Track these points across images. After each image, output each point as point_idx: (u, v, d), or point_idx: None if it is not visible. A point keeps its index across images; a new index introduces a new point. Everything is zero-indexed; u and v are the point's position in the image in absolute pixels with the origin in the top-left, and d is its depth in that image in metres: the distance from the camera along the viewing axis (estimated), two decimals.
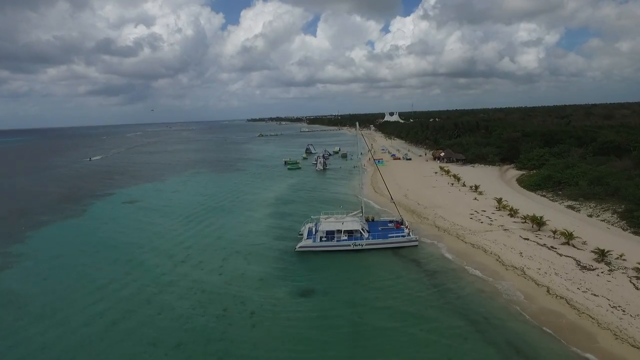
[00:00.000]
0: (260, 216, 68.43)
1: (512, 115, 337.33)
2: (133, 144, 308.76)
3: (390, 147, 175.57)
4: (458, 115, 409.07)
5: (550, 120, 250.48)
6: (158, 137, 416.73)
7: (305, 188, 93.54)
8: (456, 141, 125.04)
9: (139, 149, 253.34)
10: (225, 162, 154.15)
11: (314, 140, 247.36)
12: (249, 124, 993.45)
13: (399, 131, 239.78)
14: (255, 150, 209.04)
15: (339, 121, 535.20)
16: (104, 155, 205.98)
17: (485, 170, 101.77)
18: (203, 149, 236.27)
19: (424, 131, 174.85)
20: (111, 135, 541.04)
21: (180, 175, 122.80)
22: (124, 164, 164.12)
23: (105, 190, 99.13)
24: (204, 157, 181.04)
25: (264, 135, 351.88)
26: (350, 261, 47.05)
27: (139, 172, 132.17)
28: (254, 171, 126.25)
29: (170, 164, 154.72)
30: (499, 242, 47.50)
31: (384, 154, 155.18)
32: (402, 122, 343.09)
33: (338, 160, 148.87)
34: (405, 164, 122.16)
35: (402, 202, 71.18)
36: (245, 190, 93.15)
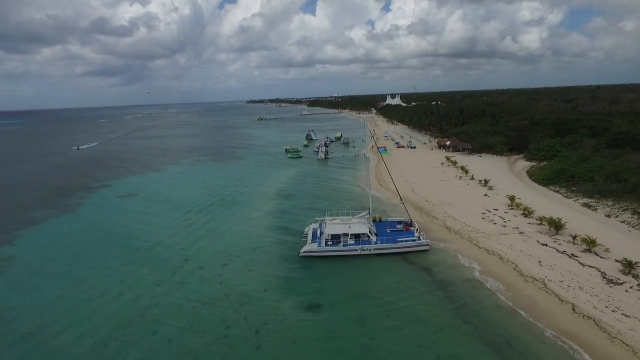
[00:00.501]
0: (261, 213, 65.60)
1: (516, 98, 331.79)
2: (131, 128, 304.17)
3: (393, 134, 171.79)
4: (460, 98, 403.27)
5: (555, 105, 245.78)
6: (156, 121, 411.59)
7: (308, 180, 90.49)
8: (462, 129, 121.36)
9: (137, 133, 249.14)
10: (224, 149, 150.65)
11: (314, 125, 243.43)
12: (248, 106, 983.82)
13: (401, 116, 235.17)
14: (255, 135, 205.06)
15: (340, 104, 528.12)
16: (101, 141, 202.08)
17: (493, 160, 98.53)
18: (202, 134, 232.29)
19: (428, 117, 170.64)
20: (109, 118, 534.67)
21: (178, 164, 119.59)
22: (121, 151, 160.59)
23: (101, 182, 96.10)
24: (203, 143, 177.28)
25: (264, 119, 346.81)
26: (357, 268, 44.43)
27: (136, 161, 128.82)
28: (255, 159, 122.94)
29: (168, 151, 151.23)
30: (515, 248, 44.80)
31: (387, 140, 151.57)
32: (404, 106, 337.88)
33: (340, 147, 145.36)
34: (410, 152, 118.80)
35: (409, 197, 68.26)
36: (246, 182, 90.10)
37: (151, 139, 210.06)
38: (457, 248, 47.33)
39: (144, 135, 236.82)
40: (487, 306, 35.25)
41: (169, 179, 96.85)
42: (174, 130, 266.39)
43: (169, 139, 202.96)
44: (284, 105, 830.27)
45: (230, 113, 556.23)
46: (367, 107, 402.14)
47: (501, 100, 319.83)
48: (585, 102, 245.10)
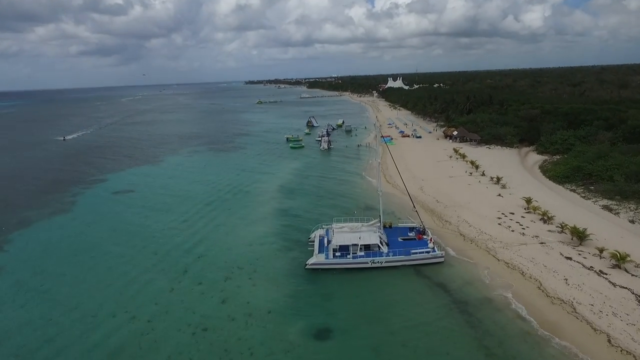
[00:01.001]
0: (263, 214, 62.40)
1: (521, 81, 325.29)
2: (127, 112, 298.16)
3: (397, 120, 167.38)
4: (463, 80, 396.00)
5: (562, 89, 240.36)
6: (152, 104, 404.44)
7: (311, 174, 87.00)
8: (470, 118, 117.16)
9: (134, 118, 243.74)
10: (223, 137, 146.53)
11: (315, 109, 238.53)
12: (247, 87, 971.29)
13: (404, 100, 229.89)
14: (255, 121, 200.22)
15: (340, 85, 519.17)
16: (97, 127, 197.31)
17: (502, 153, 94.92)
18: (200, 119, 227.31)
19: (433, 104, 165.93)
20: (105, 100, 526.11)
21: (176, 154, 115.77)
22: (117, 139, 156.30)
23: (97, 176, 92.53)
24: (201, 130, 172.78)
25: (263, 102, 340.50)
26: (368, 283, 41.51)
27: (133, 151, 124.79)
28: (255, 149, 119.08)
29: (165, 139, 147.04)
30: (538, 262, 41.79)
31: (390, 128, 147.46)
32: (406, 89, 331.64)
33: (342, 136, 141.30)
34: (415, 143, 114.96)
35: (418, 197, 65.05)
36: (246, 176, 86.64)
37: (148, 124, 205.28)
38: (474, 260, 44.33)
39: (140, 120, 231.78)
40: (512, 334, 32.40)
41: (167, 173, 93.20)
42: (171, 115, 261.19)
43: (166, 125, 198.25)
44: (283, 87, 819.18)
45: (229, 95, 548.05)
46: (368, 90, 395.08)
47: (505, 83, 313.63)
48: (592, 86, 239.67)
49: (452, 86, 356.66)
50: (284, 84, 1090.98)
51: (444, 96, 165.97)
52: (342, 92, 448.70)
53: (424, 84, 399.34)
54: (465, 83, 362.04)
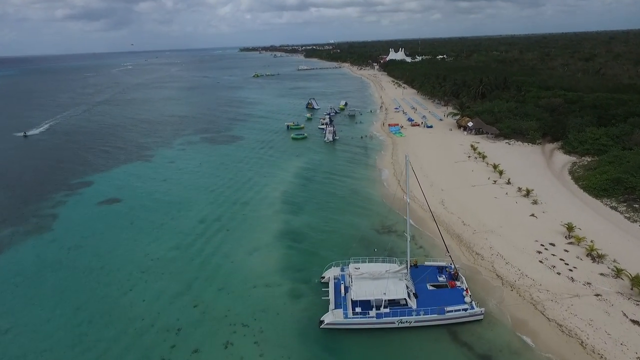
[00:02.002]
0: (268, 239, 55.01)
1: (528, 54, 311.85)
2: (118, 86, 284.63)
3: (403, 102, 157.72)
4: (467, 51, 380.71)
5: (573, 64, 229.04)
6: (145, 76, 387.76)
7: (317, 177, 79.13)
8: (486, 107, 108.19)
9: (124, 94, 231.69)
10: (220, 123, 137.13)
11: (314, 86, 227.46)
12: (242, 55, 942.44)
13: (408, 76, 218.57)
14: (253, 101, 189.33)
15: (338, 56, 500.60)
16: (86, 108, 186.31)
17: (525, 151, 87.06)
18: (194, 98, 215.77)
19: (442, 85, 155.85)
20: (95, 71, 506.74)
21: (169, 147, 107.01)
22: (107, 126, 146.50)
23: (81, 177, 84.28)
24: (195, 112, 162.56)
25: (260, 75, 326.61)
26: (395, 350, 34.88)
27: (122, 142, 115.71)
28: (254, 140, 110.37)
29: (157, 126, 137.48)
30: (598, 327, 35.11)
31: (397, 113, 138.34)
32: (409, 62, 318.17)
33: (346, 121, 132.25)
34: (427, 134, 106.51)
35: (440, 214, 57.93)
36: (246, 179, 78.76)
37: (139, 104, 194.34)
38: (518, 317, 37.62)
39: (131, 97, 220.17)
40: None
41: (157, 174, 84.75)
42: (163, 91, 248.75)
43: (157, 106, 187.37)
44: (280, 55, 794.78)
45: (223, 66, 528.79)
46: (368, 62, 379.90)
47: (512, 56, 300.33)
48: (606, 62, 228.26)
49: (456, 58, 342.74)
50: (280, 51, 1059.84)
51: (454, 77, 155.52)
52: (341, 63, 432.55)
53: (426, 55, 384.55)
54: (469, 55, 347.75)
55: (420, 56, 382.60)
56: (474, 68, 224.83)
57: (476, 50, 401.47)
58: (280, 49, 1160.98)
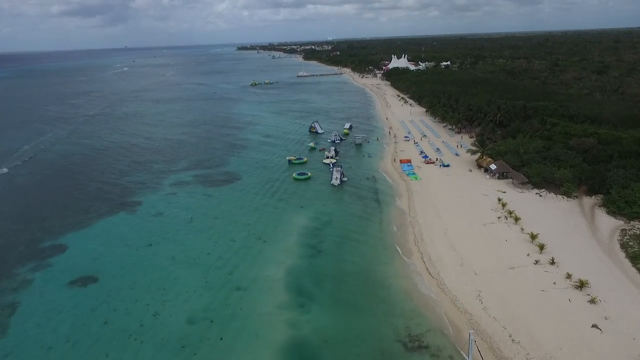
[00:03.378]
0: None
1: (536, 62, 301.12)
2: (110, 97, 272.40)
3: (412, 127, 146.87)
4: (472, 60, 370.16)
5: (587, 78, 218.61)
6: (140, 81, 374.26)
7: (326, 244, 68.33)
8: (510, 146, 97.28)
9: (114, 109, 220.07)
10: (215, 153, 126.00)
11: (315, 100, 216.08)
12: (240, 55, 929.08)
13: (414, 91, 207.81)
14: (251, 121, 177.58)
15: (339, 59, 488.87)
16: (72, 129, 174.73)
17: (561, 207, 76.55)
18: (188, 116, 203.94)
19: (454, 109, 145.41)
20: (88, 73, 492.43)
21: (156, 191, 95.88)
22: (89, 154, 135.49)
23: (54, 239, 73.23)
24: (189, 136, 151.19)
25: (258, 83, 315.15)
26: None
27: (105, 181, 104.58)
28: (253, 183, 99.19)
29: (146, 155, 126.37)
30: None
31: (408, 142, 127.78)
32: (413, 70, 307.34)
33: (353, 153, 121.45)
34: (444, 177, 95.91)
35: (477, 318, 47.54)
36: (244, 251, 67.96)
37: (129, 124, 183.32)
38: None
39: (122, 113, 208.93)
40: None
41: (140, 237, 73.34)
42: (157, 107, 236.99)
43: (149, 126, 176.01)
44: (278, 56, 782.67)
45: (220, 69, 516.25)
46: (369, 68, 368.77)
47: (520, 65, 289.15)
48: (621, 75, 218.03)
49: (460, 66, 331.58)
50: (278, 51, 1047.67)
51: (467, 101, 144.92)
52: (342, 68, 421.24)
53: (429, 62, 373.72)
54: (474, 63, 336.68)
55: (423, 62, 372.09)
56: (482, 82, 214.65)
57: (480, 56, 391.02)
58: (279, 48, 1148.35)
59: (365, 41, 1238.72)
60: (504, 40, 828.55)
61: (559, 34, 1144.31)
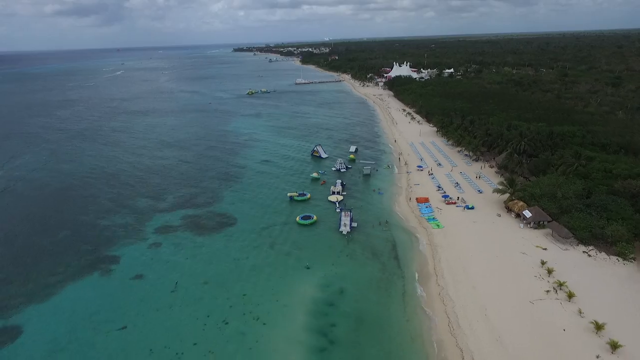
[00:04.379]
0: None
1: (546, 73, 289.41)
2: (99, 109, 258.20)
3: (425, 152, 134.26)
4: (476, 68, 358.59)
5: (602, 90, 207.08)
6: (133, 87, 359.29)
7: (339, 330, 55.56)
8: (545, 190, 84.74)
9: (102, 124, 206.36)
10: (207, 186, 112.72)
11: (315, 114, 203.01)
12: (236, 58, 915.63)
13: (422, 106, 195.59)
14: (247, 140, 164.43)
15: (338, 65, 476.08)
16: (52, 150, 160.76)
17: (617, 273, 64.06)
18: (180, 134, 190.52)
19: (469, 130, 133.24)
20: (80, 79, 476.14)
21: (139, 239, 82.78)
22: (64, 185, 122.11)
23: (3, 319, 59.92)
24: (179, 161, 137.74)
25: (254, 92, 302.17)
26: None
27: (77, 227, 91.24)
28: (249, 230, 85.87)
29: (129, 188, 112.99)
30: None
31: (421, 173, 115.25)
32: (416, 79, 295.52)
33: (361, 187, 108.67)
34: (470, 224, 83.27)
35: None
36: (237, 347, 55.14)
37: (114, 144, 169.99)
38: None
39: (109, 130, 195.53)
40: None
41: (115, 316, 60.66)
42: (146, 120, 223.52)
43: (136, 147, 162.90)
44: (275, 59, 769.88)
45: (216, 74, 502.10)
46: (370, 76, 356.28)
47: (529, 75, 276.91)
48: (637, 86, 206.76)
49: (464, 74, 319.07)
50: (274, 53, 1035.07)
51: (485, 125, 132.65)
52: (341, 75, 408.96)
53: (432, 69, 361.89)
54: (479, 72, 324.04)
55: (425, 69, 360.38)
56: (493, 95, 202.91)
57: (483, 63, 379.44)
58: (275, 50, 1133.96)
59: (362, 43, 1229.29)
60: (503, 43, 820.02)
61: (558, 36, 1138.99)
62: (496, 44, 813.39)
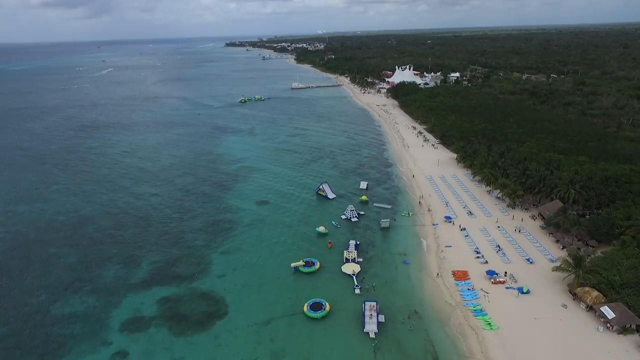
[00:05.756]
0: None
1: (561, 82, 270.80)
2: (74, 120, 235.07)
3: (449, 193, 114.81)
4: (484, 73, 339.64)
5: (629, 105, 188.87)
6: (116, 91, 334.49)
7: None
8: (628, 277, 65.79)
9: (74, 143, 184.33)
10: (190, 243, 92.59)
11: (315, 133, 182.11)
12: (228, 54, 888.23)
13: (435, 124, 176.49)
14: (238, 170, 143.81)
15: (334, 65, 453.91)
16: (1, 195, 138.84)
17: None
18: (161, 160, 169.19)
19: (499, 168, 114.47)
20: (63, 80, 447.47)
21: (97, 347, 62.82)
22: (13, 248, 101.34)
23: None
24: (158, 205, 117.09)
25: (247, 100, 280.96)
26: None
27: (16, 322, 70.97)
28: (244, 325, 66.50)
29: (93, 249, 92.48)
30: None
31: (450, 225, 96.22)
32: (422, 87, 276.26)
33: (380, 245, 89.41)
34: (532, 322, 64.26)
35: None
36: None
37: (86, 175, 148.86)
38: None
39: (82, 153, 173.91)
40: None
41: None
42: (125, 140, 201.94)
43: (107, 182, 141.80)
44: (268, 56, 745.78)
45: (207, 74, 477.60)
46: (370, 80, 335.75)
47: (544, 84, 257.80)
48: None
49: (471, 80, 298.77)
50: (268, 49, 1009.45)
51: (523, 164, 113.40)
52: (339, 77, 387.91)
53: (435, 72, 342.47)
54: (486, 77, 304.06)
55: (429, 73, 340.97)
56: (511, 110, 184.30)
57: (489, 66, 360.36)
58: (268, 45, 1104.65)
59: (357, 38, 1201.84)
60: (502, 40, 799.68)
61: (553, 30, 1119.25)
62: (495, 40, 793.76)
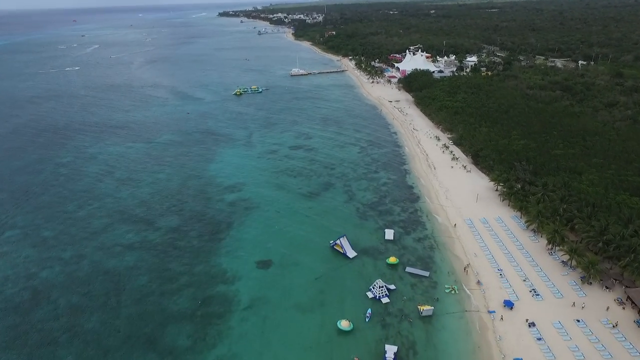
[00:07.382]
0: None
1: (595, 73, 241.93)
2: (45, 122, 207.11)
3: (496, 248, 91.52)
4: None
5: None
6: (97, 78, 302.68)
7: None
8: None
9: (39, 163, 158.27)
10: (175, 349, 69.84)
11: (320, 138, 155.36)
12: (221, 26, 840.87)
13: (463, 136, 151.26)
14: (234, 209, 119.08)
15: (336, 45, 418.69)
16: None
17: None
18: (139, 194, 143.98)
19: (563, 217, 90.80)
20: (41, 59, 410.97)
21: None
22: None
23: None
24: (134, 267, 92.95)
25: (243, 91, 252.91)
26: None
27: None
28: None
29: (62, 337, 69.51)
30: None
31: (511, 312, 73.14)
32: (437, 76, 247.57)
33: (419, 347, 66.72)
34: None
35: None
36: None
37: (51, 213, 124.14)
38: None
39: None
40: None
41: None
42: (101, 156, 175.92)
43: (76, 231, 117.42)
44: (264, 31, 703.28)
45: (199, 55, 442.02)
46: (377, 66, 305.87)
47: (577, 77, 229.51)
48: None
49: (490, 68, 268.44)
50: (263, 20, 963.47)
51: (596, 218, 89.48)
52: (342, 60, 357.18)
53: (449, 55, 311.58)
54: (507, 64, 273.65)
55: (442, 57, 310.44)
56: (549, 118, 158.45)
57: (506, 48, 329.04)
58: (264, 16, 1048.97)
59: (356, 7, 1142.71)
60: (511, 12, 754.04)
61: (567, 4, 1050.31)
62: (504, 12, 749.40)
